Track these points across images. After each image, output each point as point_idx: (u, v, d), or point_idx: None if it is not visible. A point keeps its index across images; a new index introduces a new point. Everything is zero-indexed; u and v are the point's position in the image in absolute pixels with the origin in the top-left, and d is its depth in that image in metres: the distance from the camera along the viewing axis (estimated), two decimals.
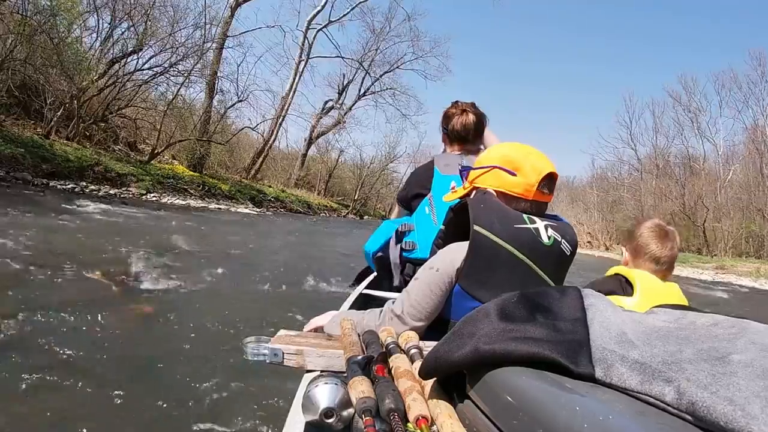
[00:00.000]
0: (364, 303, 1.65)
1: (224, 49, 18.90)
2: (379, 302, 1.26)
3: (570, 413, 0.43)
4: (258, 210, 16.79)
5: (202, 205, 13.70)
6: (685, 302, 1.06)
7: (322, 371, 0.82)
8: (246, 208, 16.02)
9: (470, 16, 79.68)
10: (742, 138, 25.55)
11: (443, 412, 0.57)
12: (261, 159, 23.29)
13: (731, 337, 0.49)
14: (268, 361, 0.84)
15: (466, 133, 1.57)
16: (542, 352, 0.52)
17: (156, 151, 15.51)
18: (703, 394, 0.40)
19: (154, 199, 12.33)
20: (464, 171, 1.25)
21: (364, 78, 29.04)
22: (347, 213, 28.92)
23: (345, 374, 0.71)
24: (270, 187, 22.72)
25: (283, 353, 0.84)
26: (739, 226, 22.04)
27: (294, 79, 24.27)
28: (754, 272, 14.12)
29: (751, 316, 0.55)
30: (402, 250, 1.50)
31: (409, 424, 0.58)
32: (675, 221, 24.41)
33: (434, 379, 0.63)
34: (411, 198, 1.61)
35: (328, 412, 0.63)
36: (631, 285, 1.12)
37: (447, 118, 1.62)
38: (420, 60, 29.25)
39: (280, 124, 24.28)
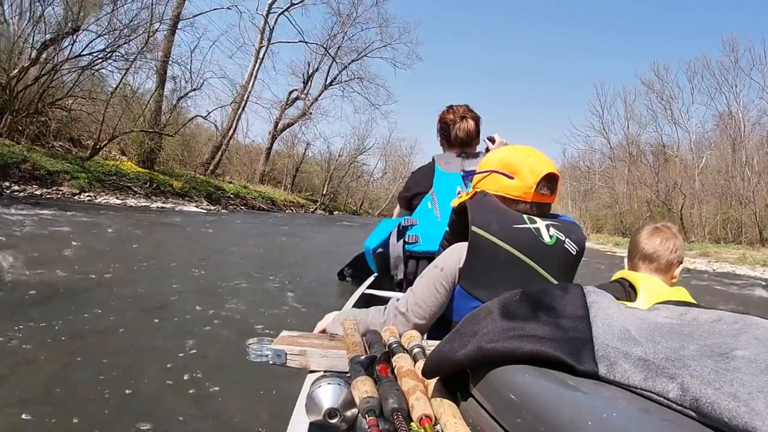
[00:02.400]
0: (366, 303, 1.65)
1: (176, 33, 17.30)
2: (381, 302, 1.27)
3: (573, 411, 0.43)
4: (213, 208, 15.61)
5: (144, 204, 12.46)
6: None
7: (325, 371, 0.82)
8: (198, 206, 14.79)
9: (437, 4, 79.23)
10: (715, 124, 25.56)
11: (447, 411, 0.57)
12: (220, 153, 21.79)
13: (735, 333, 0.49)
14: (271, 363, 0.84)
15: (469, 140, 1.61)
16: (545, 350, 0.53)
17: (98, 146, 13.82)
18: (707, 390, 0.41)
19: (87, 199, 11.25)
20: (468, 176, 1.27)
21: (330, 66, 27.83)
22: (315, 209, 27.58)
23: (348, 374, 0.71)
24: (231, 183, 21.17)
25: (286, 354, 0.84)
26: (716, 211, 21.85)
27: (254, 66, 22.71)
28: (743, 259, 13.82)
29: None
30: (405, 243, 1.52)
31: (412, 424, 0.58)
32: (651, 208, 24.44)
33: (437, 378, 0.64)
34: (412, 198, 1.64)
35: (331, 413, 0.63)
36: (635, 289, 1.09)
37: (446, 124, 1.64)
38: (389, 47, 28.33)
39: (240, 115, 22.84)
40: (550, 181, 1.00)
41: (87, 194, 11.58)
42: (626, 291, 1.10)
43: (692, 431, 0.40)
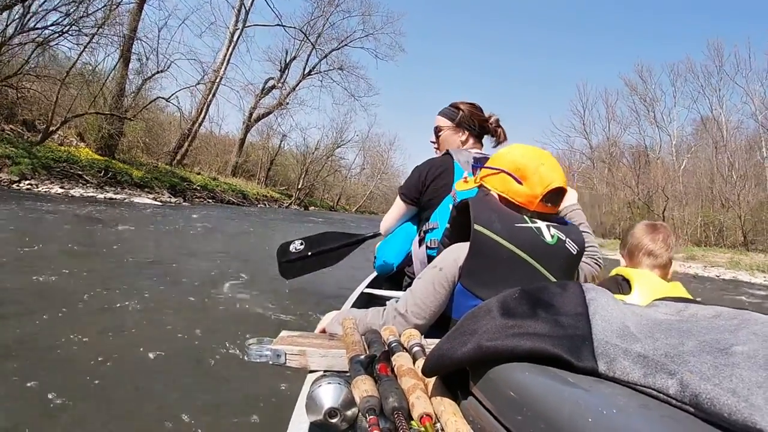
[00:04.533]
0: (365, 302, 1.66)
1: (143, 9, 15.84)
2: (381, 301, 1.25)
3: (573, 408, 0.43)
4: (174, 200, 14.34)
5: (91, 194, 11.25)
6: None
7: (325, 371, 0.82)
8: (156, 198, 13.57)
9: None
10: (697, 128, 25.64)
11: (447, 409, 0.58)
12: (188, 141, 20.28)
13: (733, 329, 0.49)
14: (270, 363, 0.84)
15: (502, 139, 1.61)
16: (544, 347, 0.53)
17: (50, 130, 12.60)
18: (706, 385, 0.41)
19: (26, 187, 10.20)
20: (477, 164, 1.25)
21: (309, 55, 26.79)
22: (290, 203, 26.33)
23: (348, 374, 0.71)
24: (199, 174, 20.04)
25: (285, 354, 0.84)
26: (698, 214, 21.82)
27: (228, 49, 21.30)
28: (737, 264, 13.56)
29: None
30: (427, 248, 1.47)
31: (413, 422, 0.58)
32: (632, 210, 24.38)
33: (437, 376, 0.64)
34: (425, 194, 1.54)
35: (331, 412, 0.63)
36: (629, 283, 1.10)
37: (484, 121, 1.61)
38: (371, 37, 27.70)
39: (210, 101, 21.29)
40: (556, 194, 1.00)
41: (28, 182, 10.51)
42: (619, 285, 1.11)
43: (692, 427, 0.40)
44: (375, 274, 1.96)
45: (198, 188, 17.75)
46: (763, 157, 21.41)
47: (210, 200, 17.70)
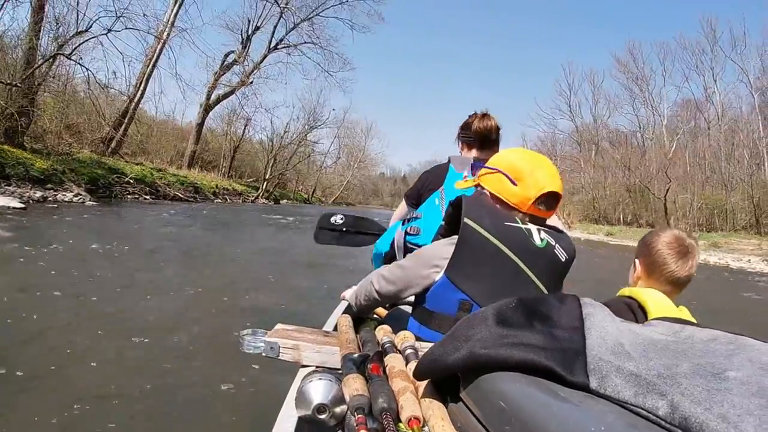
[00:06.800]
0: None
1: None
2: None
3: (561, 422, 0.43)
4: (78, 198, 10.77)
5: None
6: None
7: (317, 367, 0.82)
8: (57, 196, 10.25)
9: None
10: (689, 107, 24.85)
11: (435, 413, 0.58)
12: (124, 125, 16.78)
13: (728, 354, 0.49)
14: (264, 354, 0.84)
15: (488, 133, 1.58)
16: (537, 359, 0.53)
17: None
18: (697, 409, 0.41)
19: None
20: (477, 164, 1.27)
21: (276, 25, 23.43)
22: (256, 197, 23.68)
23: (340, 371, 0.71)
24: (139, 165, 16.43)
25: (279, 347, 0.84)
26: (699, 197, 20.88)
27: (173, 9, 17.48)
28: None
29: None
30: (406, 233, 1.52)
31: (401, 424, 0.58)
32: (629, 194, 23.87)
33: (428, 380, 0.64)
34: (423, 195, 1.61)
35: (320, 408, 0.64)
36: (643, 310, 1.01)
37: (467, 125, 1.63)
38: (346, 5, 24.46)
39: (150, 73, 17.45)
40: (550, 198, 1.01)
41: None
42: (634, 312, 1.03)
43: None
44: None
45: (131, 181, 14.31)
46: (759, 136, 20.68)
47: (148, 197, 14.53)
